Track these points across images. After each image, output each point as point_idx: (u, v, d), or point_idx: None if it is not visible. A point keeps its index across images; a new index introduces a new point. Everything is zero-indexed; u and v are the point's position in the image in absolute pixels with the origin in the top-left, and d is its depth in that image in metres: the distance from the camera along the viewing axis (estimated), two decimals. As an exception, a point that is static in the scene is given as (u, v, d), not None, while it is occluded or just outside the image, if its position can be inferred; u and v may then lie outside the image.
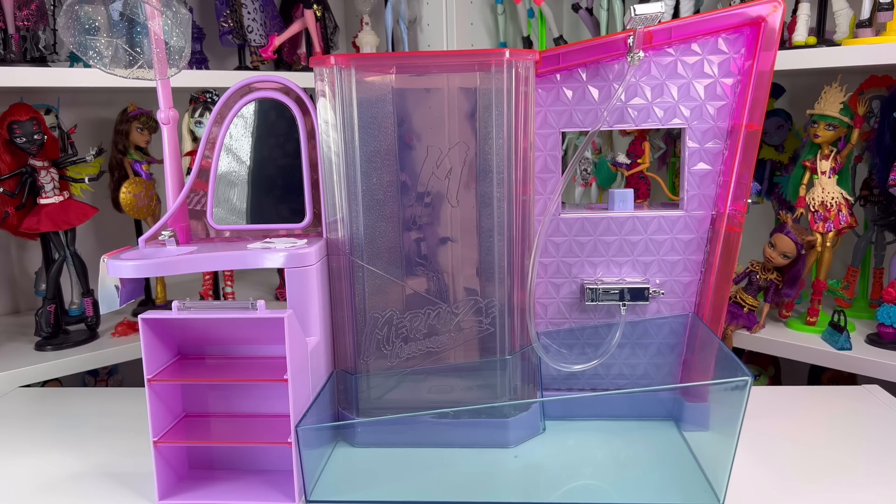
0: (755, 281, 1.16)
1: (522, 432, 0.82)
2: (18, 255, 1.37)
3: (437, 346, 0.81)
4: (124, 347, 1.17)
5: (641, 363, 0.86)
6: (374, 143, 0.77)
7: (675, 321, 0.84)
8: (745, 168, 0.78)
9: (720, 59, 0.79)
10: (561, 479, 0.75)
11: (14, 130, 1.09)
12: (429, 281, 0.81)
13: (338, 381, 0.83)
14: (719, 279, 0.81)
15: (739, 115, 0.78)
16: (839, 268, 1.29)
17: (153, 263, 0.73)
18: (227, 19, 1.41)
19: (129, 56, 0.75)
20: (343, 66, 0.75)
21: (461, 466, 0.77)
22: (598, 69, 0.80)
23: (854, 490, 0.70)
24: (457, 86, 0.77)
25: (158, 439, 0.70)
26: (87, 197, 1.25)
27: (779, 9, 0.75)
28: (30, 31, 1.12)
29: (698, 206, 0.82)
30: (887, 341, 1.07)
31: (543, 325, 0.86)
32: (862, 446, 0.78)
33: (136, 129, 1.27)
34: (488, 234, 0.78)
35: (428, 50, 1.55)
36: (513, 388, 0.82)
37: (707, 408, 0.82)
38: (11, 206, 1.13)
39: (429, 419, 0.80)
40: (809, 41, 1.12)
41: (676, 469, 0.76)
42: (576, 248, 0.84)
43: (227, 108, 0.82)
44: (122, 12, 0.74)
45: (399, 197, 0.79)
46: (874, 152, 1.12)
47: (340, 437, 0.83)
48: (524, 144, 0.77)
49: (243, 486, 0.73)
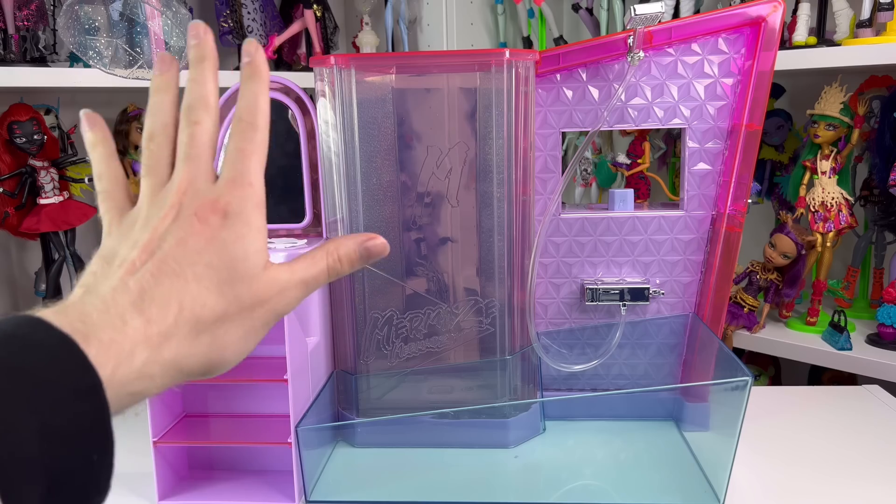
0: (755, 281, 1.16)
1: (522, 432, 0.82)
2: (18, 255, 1.37)
3: (437, 347, 0.81)
4: (124, 347, 1.17)
5: (641, 363, 0.86)
6: (374, 143, 0.77)
7: (676, 321, 0.84)
8: (746, 168, 0.78)
9: (720, 59, 0.79)
10: (561, 479, 0.75)
11: (14, 130, 1.09)
12: (429, 281, 0.81)
13: (338, 382, 0.83)
14: (719, 279, 0.81)
15: (739, 115, 0.78)
16: (839, 268, 1.29)
17: (153, 263, 0.73)
18: (227, 19, 1.41)
19: (129, 56, 0.75)
20: (343, 66, 0.75)
21: (461, 466, 0.77)
22: (598, 69, 0.80)
23: (854, 490, 0.70)
24: (457, 86, 0.77)
25: (158, 439, 0.70)
26: (87, 197, 1.25)
27: (779, 9, 0.75)
28: (30, 31, 1.12)
29: (698, 206, 0.82)
30: (887, 341, 1.06)
31: (543, 325, 0.86)
32: (862, 446, 0.78)
33: (135, 129, 1.27)
34: (488, 234, 0.78)
35: (428, 50, 1.55)
36: (513, 389, 0.82)
37: (707, 408, 0.82)
38: (11, 206, 1.13)
39: (429, 419, 0.80)
40: (809, 41, 1.12)
41: (676, 469, 0.76)
42: (576, 248, 0.84)
43: (226, 109, 0.82)
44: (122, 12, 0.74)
45: (399, 197, 0.79)
46: (874, 152, 1.12)
47: (340, 438, 0.83)
48: (524, 144, 0.77)
49: (243, 487, 0.73)
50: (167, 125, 0.38)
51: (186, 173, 0.36)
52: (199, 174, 0.36)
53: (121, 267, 0.34)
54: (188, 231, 0.34)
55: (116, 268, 0.34)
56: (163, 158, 0.38)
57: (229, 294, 0.35)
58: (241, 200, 0.36)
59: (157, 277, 0.33)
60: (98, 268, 0.35)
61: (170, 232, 0.35)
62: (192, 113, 0.37)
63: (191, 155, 0.37)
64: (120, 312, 0.32)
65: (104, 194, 0.39)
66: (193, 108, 0.38)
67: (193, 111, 0.37)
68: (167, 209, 0.35)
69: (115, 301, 0.32)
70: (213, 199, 0.35)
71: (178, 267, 0.34)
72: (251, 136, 0.37)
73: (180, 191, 0.36)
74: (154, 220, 0.35)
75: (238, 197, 0.36)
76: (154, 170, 0.37)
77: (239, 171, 0.36)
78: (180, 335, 0.33)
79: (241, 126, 0.37)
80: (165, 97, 0.39)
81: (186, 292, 0.33)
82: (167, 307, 0.33)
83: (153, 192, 0.37)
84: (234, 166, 0.36)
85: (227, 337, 0.35)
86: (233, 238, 0.35)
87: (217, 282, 0.34)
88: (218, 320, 0.34)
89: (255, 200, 0.36)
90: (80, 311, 0.31)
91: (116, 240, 0.36)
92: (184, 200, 0.35)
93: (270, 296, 0.36)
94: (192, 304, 0.33)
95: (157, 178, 0.37)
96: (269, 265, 0.36)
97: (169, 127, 0.38)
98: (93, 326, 0.30)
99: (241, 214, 0.35)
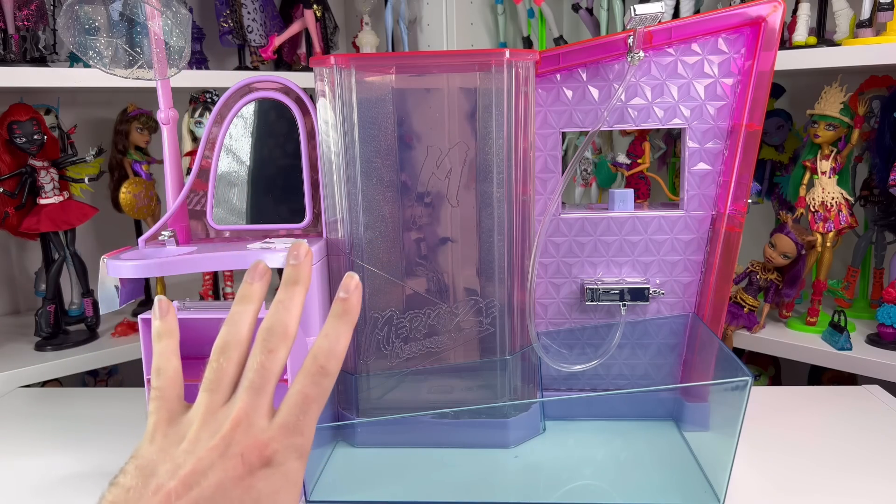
0: (755, 281, 1.16)
1: (522, 432, 0.82)
2: (18, 256, 1.37)
3: (437, 347, 0.81)
4: (124, 348, 1.17)
5: (641, 363, 0.86)
6: (374, 143, 0.77)
7: (676, 321, 0.84)
8: (746, 168, 0.78)
9: (720, 59, 0.79)
10: (561, 479, 0.75)
11: (14, 130, 1.09)
12: (429, 281, 0.81)
13: (338, 382, 0.83)
14: (719, 279, 0.81)
15: (739, 115, 0.78)
16: (839, 268, 1.29)
17: (153, 263, 0.73)
18: (227, 19, 1.41)
19: (129, 56, 0.75)
20: (343, 66, 0.75)
21: (461, 466, 0.77)
22: (598, 69, 0.80)
23: (854, 490, 0.70)
24: (457, 86, 0.77)
25: (158, 439, 0.70)
26: (87, 197, 1.25)
27: (779, 9, 0.75)
28: (30, 31, 1.12)
29: (698, 206, 0.82)
30: (887, 341, 1.06)
31: (543, 325, 0.86)
32: (862, 446, 0.78)
33: (135, 130, 1.27)
34: (488, 234, 0.78)
35: (428, 50, 1.55)
36: (513, 389, 0.82)
37: (707, 408, 0.82)
38: (11, 206, 1.13)
39: (429, 419, 0.80)
40: (809, 41, 1.12)
41: (676, 469, 0.76)
42: (576, 248, 0.84)
43: (226, 109, 0.82)
44: (122, 12, 0.74)
45: (399, 197, 0.79)
46: (874, 152, 1.12)
47: (340, 438, 0.83)
48: (524, 144, 0.77)
49: (243, 487, 0.73)
50: (242, 341, 0.38)
51: (246, 405, 0.36)
52: (258, 409, 0.36)
53: (156, 494, 0.34)
54: (229, 473, 0.34)
55: (152, 493, 0.34)
56: (227, 377, 0.38)
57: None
58: (287, 450, 0.36)
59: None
60: (133, 483, 0.35)
61: (213, 468, 0.34)
62: (271, 339, 0.37)
63: (255, 385, 0.36)
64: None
65: (158, 391, 0.39)
66: (274, 333, 0.37)
67: (273, 337, 0.37)
68: (217, 440, 0.35)
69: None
70: (262, 442, 0.35)
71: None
72: (320, 381, 0.37)
73: (235, 423, 0.35)
74: (201, 449, 0.35)
75: (286, 446, 0.36)
76: (217, 386, 0.37)
77: (296, 419, 0.36)
78: None
79: (313, 369, 0.37)
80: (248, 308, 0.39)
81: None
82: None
83: (209, 412, 0.37)
84: (292, 411, 0.36)
85: None
86: (267, 492, 0.35)
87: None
88: None
89: (301, 452, 0.36)
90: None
91: (158, 452, 0.36)
92: (235, 435, 0.35)
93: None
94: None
95: (217, 397, 0.37)
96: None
97: (244, 343, 0.38)
98: None
99: (283, 466, 0.35)
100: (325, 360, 0.37)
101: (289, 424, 0.36)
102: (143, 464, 0.35)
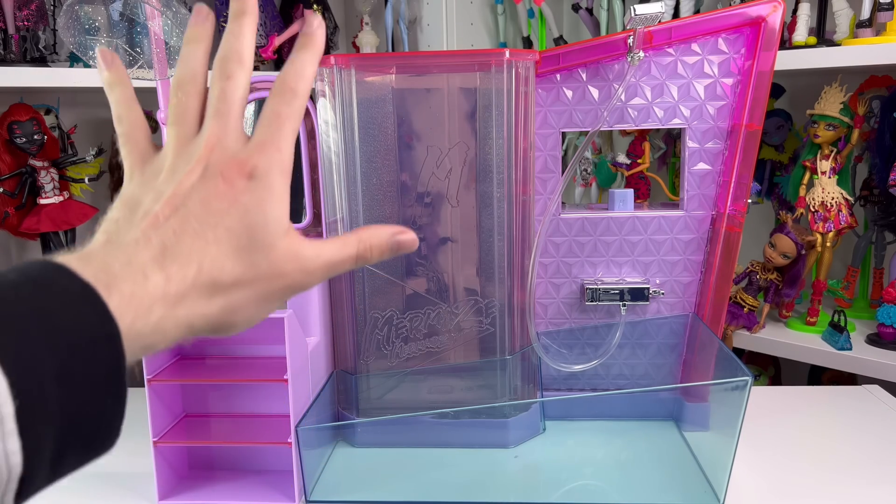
0: (755, 281, 1.16)
1: (522, 432, 0.82)
2: (18, 256, 1.37)
3: (437, 347, 0.81)
4: (124, 347, 1.17)
5: (641, 363, 0.86)
6: (374, 143, 0.77)
7: (675, 321, 0.84)
8: (745, 168, 0.78)
9: (720, 59, 0.79)
10: (561, 479, 0.75)
11: (14, 130, 1.09)
12: (429, 281, 0.81)
13: (338, 382, 0.83)
14: (719, 279, 0.81)
15: (739, 115, 0.78)
16: (839, 268, 1.29)
17: (153, 263, 0.73)
18: (226, 19, 1.41)
19: (129, 56, 0.75)
20: (343, 66, 0.75)
21: (461, 466, 0.77)
22: (598, 69, 0.80)
23: (854, 490, 0.70)
24: (457, 86, 0.77)
25: (158, 439, 0.70)
26: (87, 197, 1.25)
27: (779, 9, 0.75)
28: (30, 31, 1.12)
29: (698, 206, 0.82)
30: (887, 341, 1.06)
31: (543, 325, 0.86)
32: (862, 446, 0.78)
33: (135, 129, 1.27)
34: (488, 234, 0.78)
35: (428, 50, 1.55)
36: (513, 389, 0.82)
37: (707, 408, 0.82)
38: (11, 207, 1.13)
39: (429, 419, 0.80)
40: (809, 41, 1.12)
41: (676, 469, 0.76)
42: (576, 248, 0.84)
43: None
44: (122, 12, 0.74)
45: (399, 197, 0.79)
46: (874, 152, 1.12)
47: (340, 438, 0.83)
48: (524, 144, 0.77)
49: (243, 487, 0.73)
50: (197, 75, 0.38)
51: (216, 129, 0.36)
52: (228, 131, 0.36)
53: (144, 219, 0.34)
54: (212, 191, 0.34)
55: (139, 219, 0.34)
56: (190, 109, 0.37)
57: (246, 260, 0.34)
58: (267, 164, 0.35)
59: (179, 235, 0.33)
60: (120, 215, 0.35)
61: (195, 189, 0.34)
62: (226, 66, 0.37)
63: (221, 111, 0.36)
64: (142, 267, 0.32)
65: (125, 137, 0.38)
66: (228, 60, 0.37)
67: (227, 64, 0.37)
68: (194, 164, 0.35)
69: (138, 254, 0.32)
70: (241, 159, 0.35)
71: (199, 227, 0.33)
72: (290, 100, 0.37)
73: (208, 146, 0.35)
74: (180, 174, 0.35)
75: (265, 160, 0.35)
76: (181, 119, 0.37)
77: (271, 135, 0.36)
78: (196, 296, 0.33)
79: (282, 89, 0.37)
80: (197, 47, 0.39)
81: (206, 254, 0.33)
82: (187, 267, 0.33)
83: (180, 143, 0.36)
84: (267, 129, 0.36)
85: (241, 302, 0.35)
86: (254, 203, 0.35)
87: (235, 247, 0.34)
88: (234, 285, 0.34)
89: (282, 167, 0.36)
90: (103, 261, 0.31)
91: (139, 187, 0.36)
92: (211, 157, 0.35)
93: (289, 270, 0.36)
94: (210, 267, 0.33)
95: (184, 129, 0.37)
96: (290, 235, 0.36)
97: (199, 77, 0.38)
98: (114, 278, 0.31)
99: (265, 179, 0.35)
100: (294, 83, 0.37)
101: (265, 141, 0.36)
102: (127, 198, 0.35)
